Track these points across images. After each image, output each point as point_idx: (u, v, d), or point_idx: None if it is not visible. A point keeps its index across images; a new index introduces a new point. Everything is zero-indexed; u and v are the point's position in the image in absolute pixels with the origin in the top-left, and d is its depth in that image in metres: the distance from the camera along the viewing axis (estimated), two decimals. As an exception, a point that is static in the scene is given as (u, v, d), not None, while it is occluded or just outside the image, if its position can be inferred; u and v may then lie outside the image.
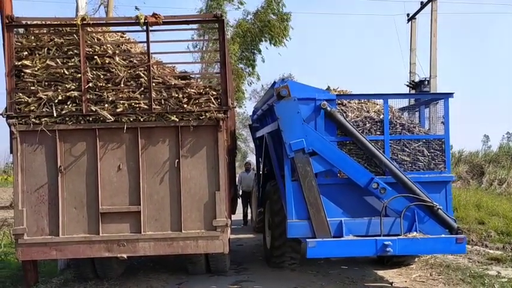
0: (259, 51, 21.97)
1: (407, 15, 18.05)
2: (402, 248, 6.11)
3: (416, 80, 16.78)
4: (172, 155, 6.04)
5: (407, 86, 17.07)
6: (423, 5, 16.90)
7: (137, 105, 5.94)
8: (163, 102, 6.01)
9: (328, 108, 6.44)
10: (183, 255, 6.63)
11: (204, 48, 17.58)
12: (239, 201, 13.17)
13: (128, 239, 5.95)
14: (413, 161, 6.71)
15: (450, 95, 6.82)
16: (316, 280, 7.07)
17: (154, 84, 5.99)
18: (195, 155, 6.06)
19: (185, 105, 5.98)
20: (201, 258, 6.96)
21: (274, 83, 6.52)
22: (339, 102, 6.84)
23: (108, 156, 5.99)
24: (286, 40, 21.00)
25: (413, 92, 16.20)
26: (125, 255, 5.95)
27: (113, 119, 5.91)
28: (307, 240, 6.09)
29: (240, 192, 13.19)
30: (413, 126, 6.91)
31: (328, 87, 7.27)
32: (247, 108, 25.21)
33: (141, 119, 5.97)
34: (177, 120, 5.98)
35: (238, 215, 13.46)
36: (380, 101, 7.01)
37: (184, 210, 6.02)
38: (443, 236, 6.27)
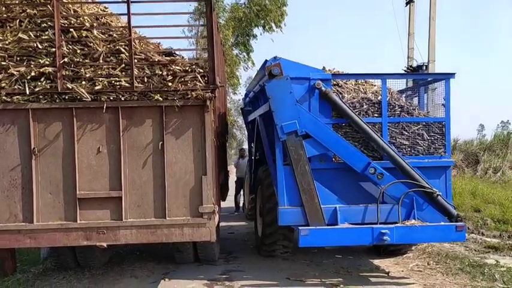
0: (254, 36, 21.72)
1: (406, -2, 17.57)
2: (400, 237, 5.80)
3: (414, 65, 16.41)
4: (155, 137, 5.63)
5: (405, 71, 16.69)
6: (422, -12, 16.41)
7: (118, 83, 5.49)
8: (146, 80, 5.57)
9: (323, 88, 6.06)
10: (170, 244, 6.27)
11: (196, 31, 17.07)
12: (234, 187, 12.93)
13: (108, 226, 5.55)
14: (413, 145, 6.39)
15: (451, 75, 6.48)
16: (309, 270, 6.75)
17: (136, 60, 5.56)
18: (180, 137, 5.66)
19: (170, 84, 5.56)
20: (189, 247, 6.62)
21: (266, 61, 6.12)
22: (334, 82, 6.48)
23: (86, 138, 5.56)
24: (282, 26, 20.77)
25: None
26: (104, 244, 5.57)
27: (90, 98, 5.48)
28: (300, 228, 5.75)
29: (235, 179, 12.97)
30: (413, 109, 6.57)
31: (324, 67, 6.87)
32: (242, 94, 24.67)
33: (122, 98, 5.53)
34: (161, 99, 5.56)
35: (230, 202, 13.17)
36: (378, 82, 6.67)
37: (169, 195, 5.63)
38: (442, 223, 5.98)
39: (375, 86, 6.86)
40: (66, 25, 5.52)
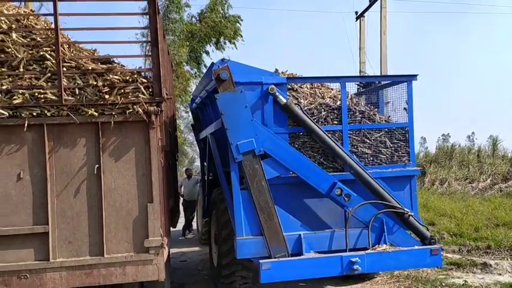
0: (207, 53, 21.61)
1: (356, 13, 17.59)
2: (371, 265, 5.26)
3: (366, 79, 16.30)
4: (90, 160, 4.77)
5: (358, 85, 16.57)
6: (372, 2, 16.47)
7: (42, 96, 4.62)
8: (77, 92, 4.73)
9: (282, 98, 5.50)
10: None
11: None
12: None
13: (31, 268, 4.59)
14: (375, 153, 5.95)
15: (413, 77, 6.16)
16: (271, 303, 6.03)
17: (65, 68, 4.71)
18: (120, 158, 4.82)
19: (106, 96, 4.74)
20: (134, 284, 5.72)
21: (212, 64, 5.46)
22: (289, 87, 5.93)
23: (3, 162, 4.60)
24: (238, 42, 20.91)
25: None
26: (27, 292, 4.59)
27: (8, 114, 4.55)
28: (261, 261, 5.04)
29: (181, 201, 12.01)
30: (374, 114, 6.13)
31: (276, 70, 6.31)
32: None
33: (48, 114, 4.65)
34: (96, 114, 4.72)
35: (180, 224, 12.24)
36: (335, 86, 6.21)
37: (107, 228, 4.76)
38: (416, 247, 5.49)
39: (332, 89, 6.41)
40: (-24, 27, 4.60)
